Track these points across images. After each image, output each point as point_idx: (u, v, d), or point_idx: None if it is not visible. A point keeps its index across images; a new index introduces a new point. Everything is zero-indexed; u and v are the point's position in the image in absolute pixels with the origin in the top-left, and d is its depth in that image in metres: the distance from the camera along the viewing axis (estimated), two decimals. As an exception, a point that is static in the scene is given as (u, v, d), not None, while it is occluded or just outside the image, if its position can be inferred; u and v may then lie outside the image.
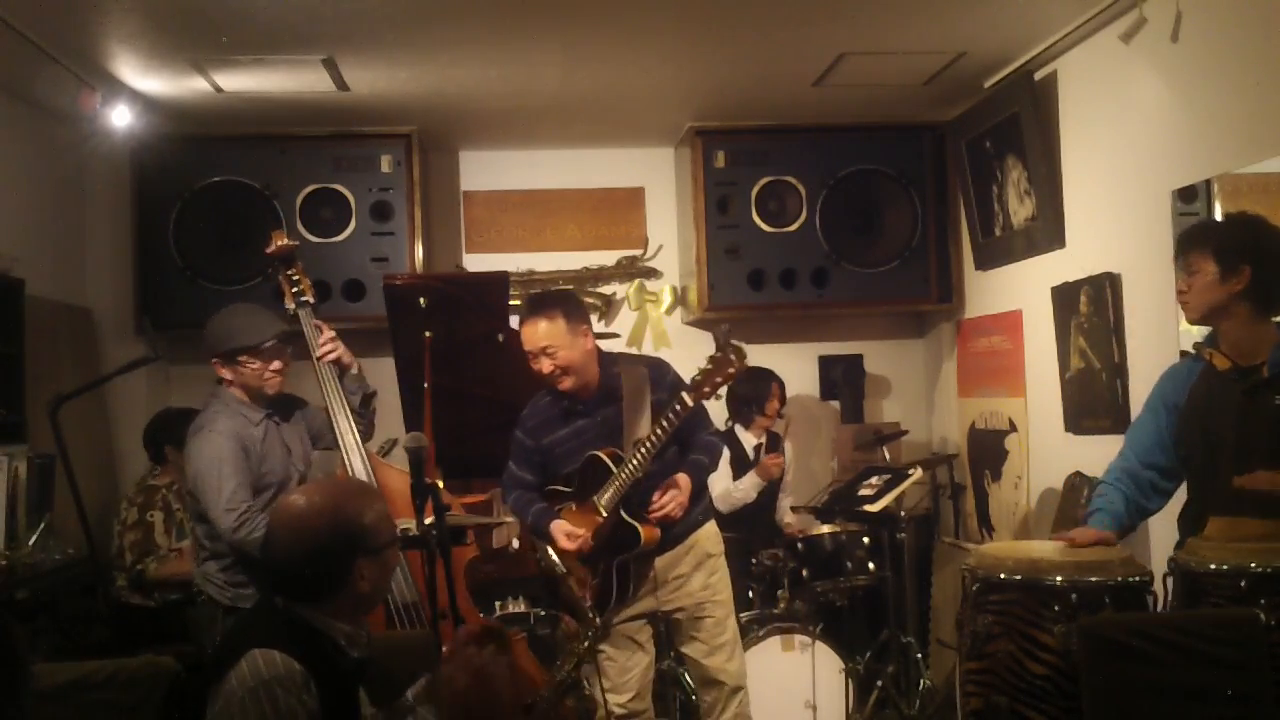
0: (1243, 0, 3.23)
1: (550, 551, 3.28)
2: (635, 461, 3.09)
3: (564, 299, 3.41)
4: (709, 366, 2.98)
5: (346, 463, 3.28)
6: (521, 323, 3.33)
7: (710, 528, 3.43)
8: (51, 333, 4.50)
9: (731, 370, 2.95)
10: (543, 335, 3.23)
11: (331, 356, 3.36)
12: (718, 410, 4.36)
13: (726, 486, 4.49)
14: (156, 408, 4.83)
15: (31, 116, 4.44)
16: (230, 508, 3.09)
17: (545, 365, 3.25)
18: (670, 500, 3.16)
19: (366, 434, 3.51)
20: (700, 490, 3.38)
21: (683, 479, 3.21)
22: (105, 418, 4.93)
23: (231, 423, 3.21)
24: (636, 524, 3.15)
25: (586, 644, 2.99)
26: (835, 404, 5.59)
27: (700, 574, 3.34)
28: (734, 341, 3.00)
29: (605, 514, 3.19)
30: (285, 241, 3.47)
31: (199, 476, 3.15)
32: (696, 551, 3.35)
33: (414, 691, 2.21)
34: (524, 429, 3.42)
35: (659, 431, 3.04)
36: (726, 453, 4.17)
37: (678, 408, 3.01)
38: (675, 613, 3.35)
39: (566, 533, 3.24)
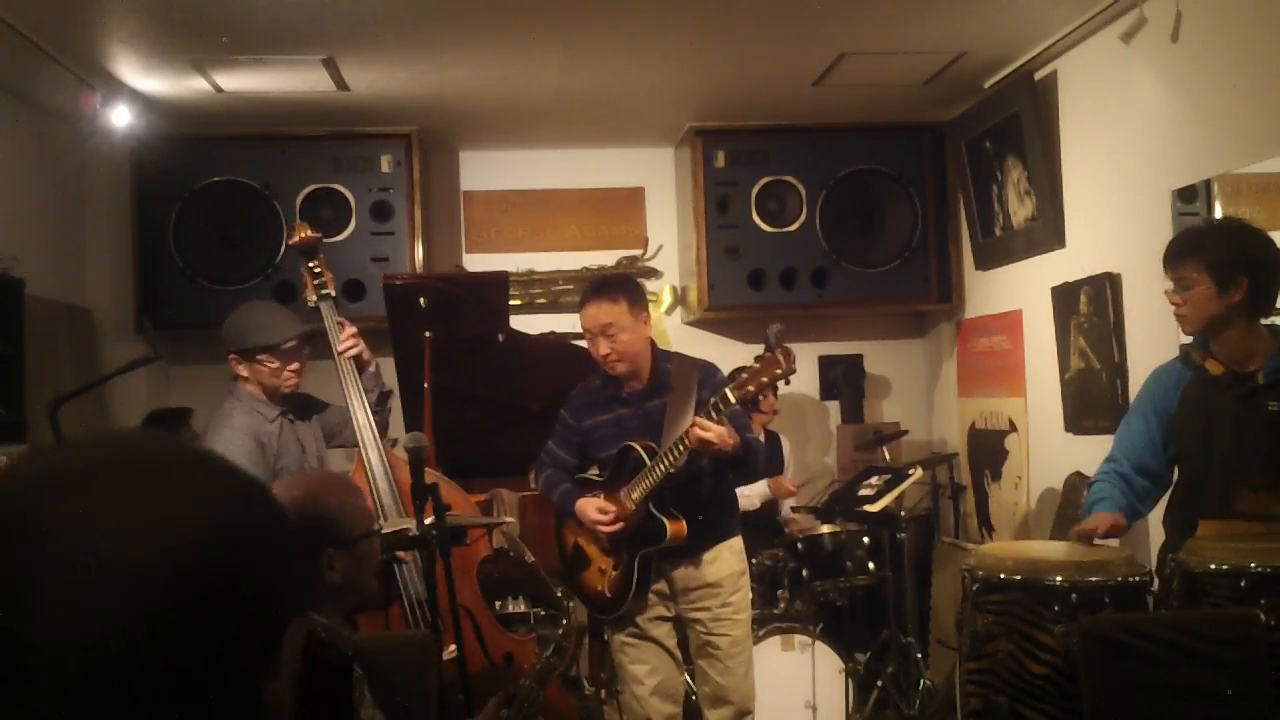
0: (1243, 0, 3.23)
1: (520, 541, 3.25)
2: (671, 457, 3.01)
3: (628, 283, 3.38)
4: (756, 366, 2.87)
5: (364, 458, 3.24)
6: (583, 304, 3.28)
7: (736, 543, 3.35)
8: (51, 333, 4.50)
9: (779, 372, 2.83)
10: (605, 314, 3.19)
11: (353, 352, 3.31)
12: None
13: None
14: (156, 408, 4.83)
15: (31, 116, 4.44)
16: None
17: (602, 346, 3.21)
18: (717, 430, 2.91)
19: (382, 431, 3.51)
20: (726, 495, 3.32)
21: (732, 430, 2.99)
22: (105, 418, 4.93)
23: (248, 419, 3.18)
24: (664, 518, 3.09)
25: (562, 630, 2.98)
26: (835, 404, 5.59)
27: (723, 588, 3.28)
28: (785, 344, 2.87)
29: (634, 505, 3.15)
30: (308, 233, 3.39)
31: None
32: (720, 565, 3.28)
33: None
34: (569, 409, 3.41)
35: (687, 427, 2.96)
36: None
37: (720, 405, 2.91)
38: (693, 623, 3.32)
39: (598, 507, 3.20)
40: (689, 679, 3.72)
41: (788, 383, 4.53)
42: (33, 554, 0.74)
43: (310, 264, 3.37)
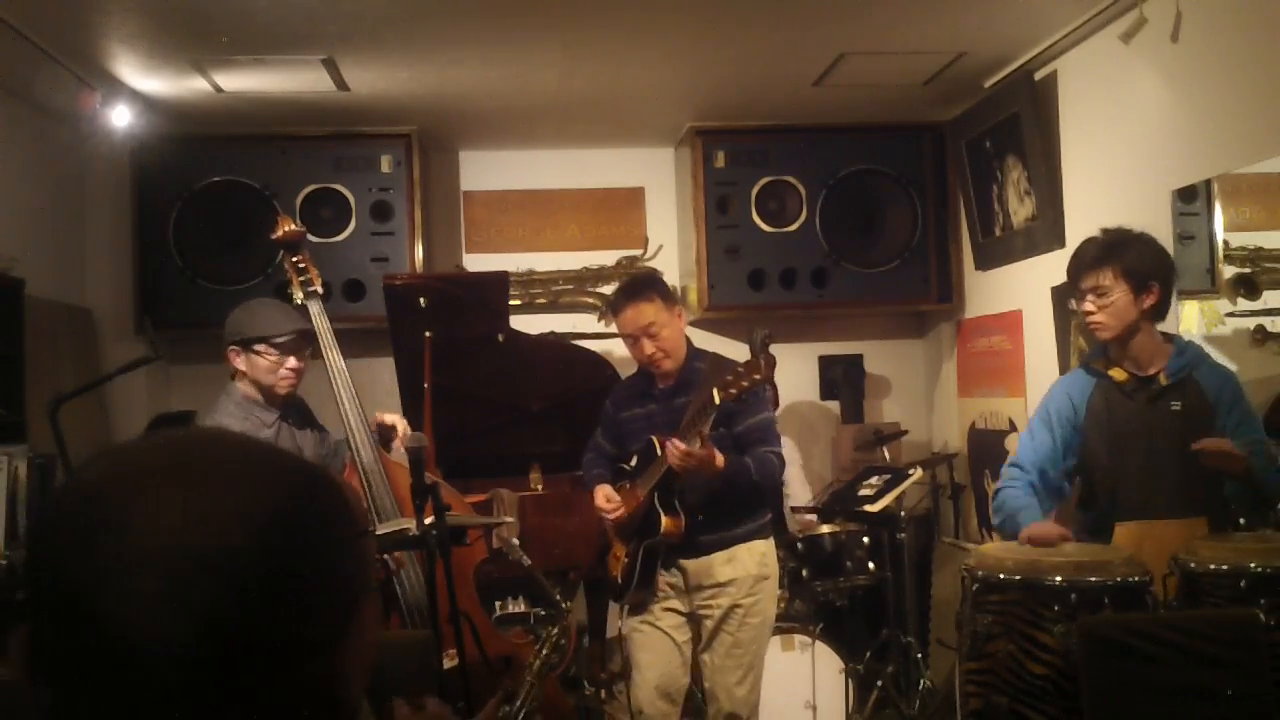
0: (1243, 0, 3.23)
1: (515, 542, 3.28)
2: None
3: (655, 281, 3.47)
4: (740, 369, 2.95)
5: (356, 457, 3.19)
6: (618, 310, 3.34)
7: (760, 546, 3.34)
8: (51, 333, 4.50)
9: (757, 376, 2.91)
10: (644, 314, 3.25)
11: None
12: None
13: None
14: (157, 408, 4.83)
15: (31, 116, 4.44)
16: None
17: (647, 347, 3.28)
18: (678, 448, 3.00)
19: None
20: (744, 498, 3.29)
21: (714, 453, 3.05)
22: (105, 418, 4.93)
23: (244, 426, 3.09)
24: (660, 511, 3.16)
25: (555, 629, 2.99)
26: (835, 404, 5.59)
27: (734, 589, 3.27)
28: (769, 349, 2.96)
29: (642, 497, 3.23)
30: (292, 227, 3.28)
31: None
32: (736, 565, 3.28)
33: None
34: (611, 400, 3.54)
35: (692, 425, 3.04)
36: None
37: (707, 407, 2.99)
38: (702, 620, 3.35)
39: (606, 495, 3.34)
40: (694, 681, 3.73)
41: (772, 385, 4.59)
42: (118, 549, 0.77)
43: (294, 259, 3.26)
